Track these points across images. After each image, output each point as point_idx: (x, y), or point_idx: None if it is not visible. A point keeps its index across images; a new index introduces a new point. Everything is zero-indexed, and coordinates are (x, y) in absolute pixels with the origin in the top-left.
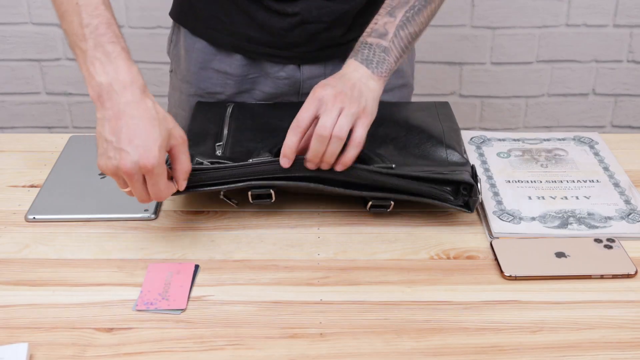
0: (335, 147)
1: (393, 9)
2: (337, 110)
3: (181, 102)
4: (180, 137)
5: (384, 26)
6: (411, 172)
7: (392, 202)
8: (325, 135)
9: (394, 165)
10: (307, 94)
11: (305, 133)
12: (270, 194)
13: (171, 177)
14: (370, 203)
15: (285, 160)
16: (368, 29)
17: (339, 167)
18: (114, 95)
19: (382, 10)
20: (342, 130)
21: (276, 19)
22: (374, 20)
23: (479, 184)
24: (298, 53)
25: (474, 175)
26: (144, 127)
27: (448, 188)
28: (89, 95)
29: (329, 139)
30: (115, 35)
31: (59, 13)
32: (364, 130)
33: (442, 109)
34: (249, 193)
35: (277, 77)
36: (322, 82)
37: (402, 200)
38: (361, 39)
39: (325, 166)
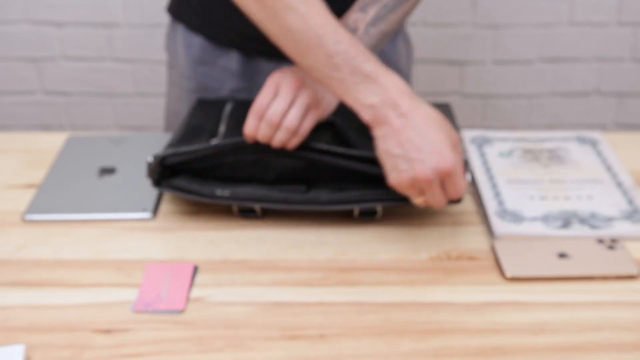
0: (283, 137)
1: (366, 5)
2: (290, 97)
3: (181, 97)
4: (456, 137)
5: (355, 22)
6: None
7: (380, 208)
8: (274, 121)
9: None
10: None
11: (263, 116)
12: (254, 210)
13: None
14: (356, 210)
15: (249, 140)
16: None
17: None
18: (389, 111)
19: (355, 6)
20: (291, 122)
21: None
22: (345, 15)
23: (469, 175)
24: None
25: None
26: (428, 132)
27: None
28: (364, 118)
29: (279, 126)
30: (364, 52)
31: (298, 52)
32: (310, 123)
33: (443, 111)
34: (234, 208)
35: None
36: (286, 67)
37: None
38: None
39: (275, 145)
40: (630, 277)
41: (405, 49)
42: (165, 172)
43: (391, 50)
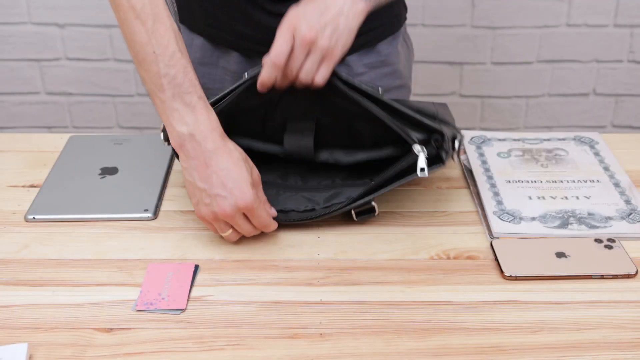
0: (302, 86)
1: None
2: (306, 50)
3: None
4: (257, 175)
5: None
6: (392, 103)
7: (375, 204)
8: (290, 77)
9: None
10: None
11: (282, 69)
12: None
13: None
14: (353, 212)
15: (262, 88)
16: None
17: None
18: (196, 145)
19: None
20: (307, 76)
21: (271, 19)
22: None
23: (457, 143)
24: None
25: (457, 139)
26: (233, 170)
27: (419, 136)
28: (171, 143)
29: (295, 78)
30: (192, 84)
31: (137, 60)
32: (326, 71)
33: (440, 109)
34: None
35: None
36: (300, 7)
37: (381, 194)
38: None
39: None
40: (628, 276)
41: (405, 51)
42: None
43: (391, 51)
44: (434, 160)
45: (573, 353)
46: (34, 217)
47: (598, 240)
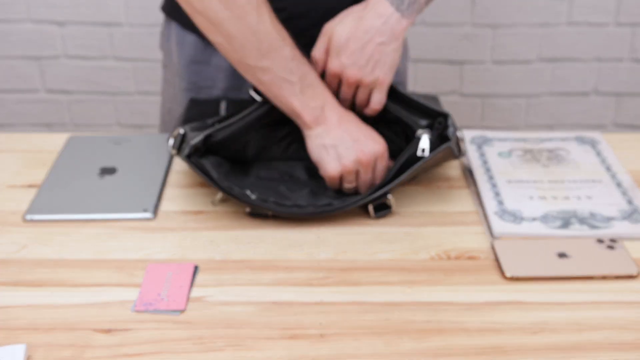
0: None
1: None
2: (353, 88)
3: (174, 96)
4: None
5: None
6: (399, 90)
7: (390, 196)
8: (347, 104)
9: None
10: None
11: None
12: (268, 214)
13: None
14: (370, 207)
15: None
16: None
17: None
18: (329, 112)
19: None
20: (361, 107)
21: None
22: None
23: (454, 129)
24: None
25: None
26: (361, 125)
27: (424, 122)
28: (303, 120)
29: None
30: (307, 61)
31: (259, 52)
32: (380, 97)
33: (432, 102)
34: (247, 209)
35: None
36: (342, 41)
37: (397, 187)
38: None
39: None
40: (630, 277)
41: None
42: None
43: None
44: (441, 142)
45: (574, 354)
46: (32, 217)
47: (600, 241)
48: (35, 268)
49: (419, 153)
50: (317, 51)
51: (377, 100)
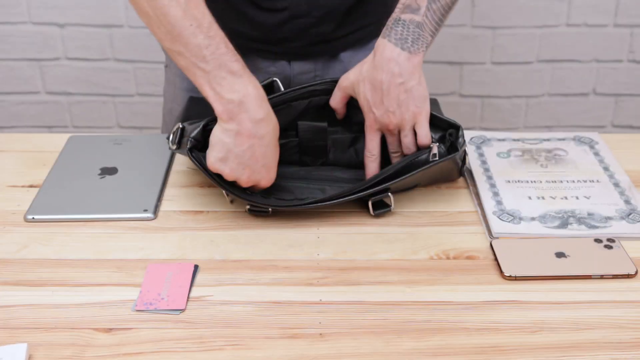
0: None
1: None
2: (396, 136)
3: (175, 96)
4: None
5: (416, 1)
6: None
7: (391, 195)
8: (397, 157)
9: None
10: None
11: (380, 158)
12: (268, 210)
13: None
14: (370, 203)
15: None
16: (399, 5)
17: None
18: (245, 112)
19: None
20: (409, 150)
21: (266, 15)
22: None
23: (465, 144)
24: (288, 48)
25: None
26: (270, 147)
27: (435, 135)
28: (215, 111)
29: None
30: (234, 53)
31: (171, 36)
32: (423, 129)
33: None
34: (247, 207)
35: (267, 72)
36: (369, 94)
37: (400, 189)
38: (393, 15)
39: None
40: (628, 276)
41: None
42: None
43: None
44: (449, 152)
45: (573, 353)
46: (33, 217)
47: (598, 240)
48: (36, 268)
49: (430, 158)
50: (335, 101)
51: (423, 134)
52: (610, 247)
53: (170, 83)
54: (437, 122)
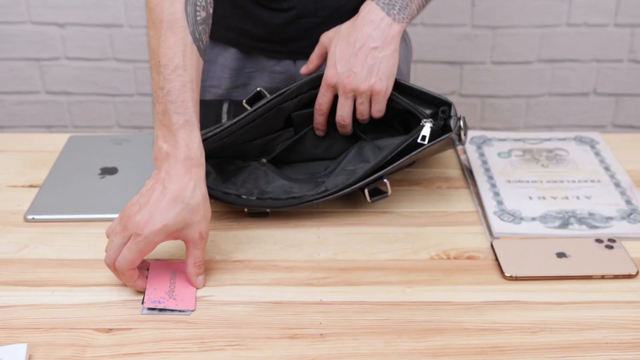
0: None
1: None
2: (351, 98)
3: None
4: (200, 233)
5: None
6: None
7: (387, 181)
8: (345, 124)
9: None
10: None
11: (328, 114)
12: (266, 211)
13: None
14: (367, 192)
15: (319, 132)
16: None
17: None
18: (165, 163)
19: None
20: (363, 117)
21: (272, 14)
22: None
23: (461, 120)
24: (294, 48)
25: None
26: (165, 203)
27: (428, 111)
28: (154, 152)
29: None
30: (183, 104)
31: (150, 63)
32: (380, 106)
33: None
34: (245, 210)
35: (272, 71)
36: (337, 53)
37: (395, 171)
38: None
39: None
40: (628, 276)
41: (403, 48)
42: None
43: None
44: (444, 131)
45: (573, 353)
46: (33, 217)
47: (599, 241)
48: (36, 268)
49: (419, 140)
50: (313, 54)
51: (377, 110)
52: (611, 247)
53: None
54: (429, 99)
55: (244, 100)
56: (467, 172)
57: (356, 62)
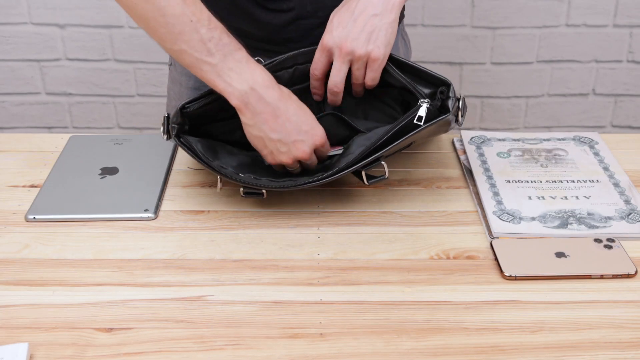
0: (358, 94)
1: None
2: (347, 63)
3: (181, 94)
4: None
5: None
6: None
7: (384, 163)
8: (338, 91)
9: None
10: None
11: (323, 79)
12: (262, 192)
13: None
14: (364, 174)
15: (316, 97)
16: None
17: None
18: (260, 98)
19: None
20: (357, 81)
21: (272, 16)
22: None
23: (460, 101)
24: (293, 49)
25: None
26: (301, 114)
27: (426, 90)
28: (232, 103)
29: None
30: (235, 42)
31: (172, 35)
32: (374, 74)
33: None
34: (240, 189)
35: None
36: (335, 20)
37: (394, 153)
38: None
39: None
40: (627, 276)
41: (403, 48)
42: (185, 129)
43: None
44: (441, 111)
45: (572, 353)
46: (34, 217)
47: (598, 240)
48: (37, 267)
49: (415, 121)
50: (317, 60)
51: (371, 78)
52: (610, 247)
53: (176, 82)
54: (427, 78)
55: None
56: (467, 172)
57: (355, 27)
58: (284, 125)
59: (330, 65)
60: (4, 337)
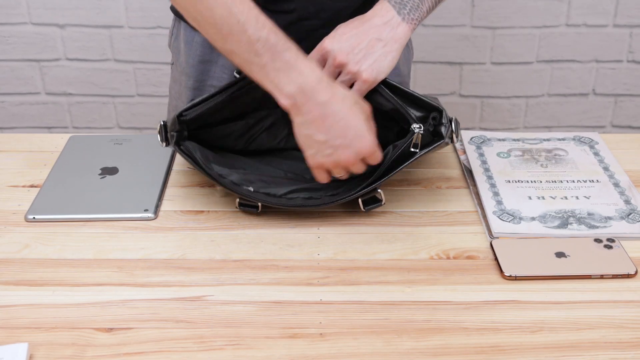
0: None
1: None
2: (335, 74)
3: (181, 94)
4: (367, 108)
5: None
6: (391, 81)
7: (380, 190)
8: None
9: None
10: None
11: None
12: (257, 205)
13: None
14: (360, 201)
15: None
16: None
17: None
18: (308, 99)
19: None
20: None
21: (274, 17)
22: None
23: (452, 124)
24: None
25: (453, 120)
26: (350, 118)
27: (417, 114)
28: (281, 105)
29: None
30: (285, 40)
31: (220, 37)
32: (360, 86)
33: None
34: (237, 200)
35: None
36: (340, 29)
37: (388, 180)
38: None
39: None
40: (627, 276)
41: (405, 51)
42: (184, 137)
43: None
44: (434, 140)
45: (572, 353)
46: (34, 217)
47: (598, 240)
48: (37, 267)
49: (412, 148)
50: (312, 54)
51: (355, 90)
52: (610, 247)
53: (176, 81)
54: (420, 102)
55: (235, 71)
56: (467, 172)
57: (357, 44)
58: (331, 127)
59: (322, 67)
60: (4, 337)
